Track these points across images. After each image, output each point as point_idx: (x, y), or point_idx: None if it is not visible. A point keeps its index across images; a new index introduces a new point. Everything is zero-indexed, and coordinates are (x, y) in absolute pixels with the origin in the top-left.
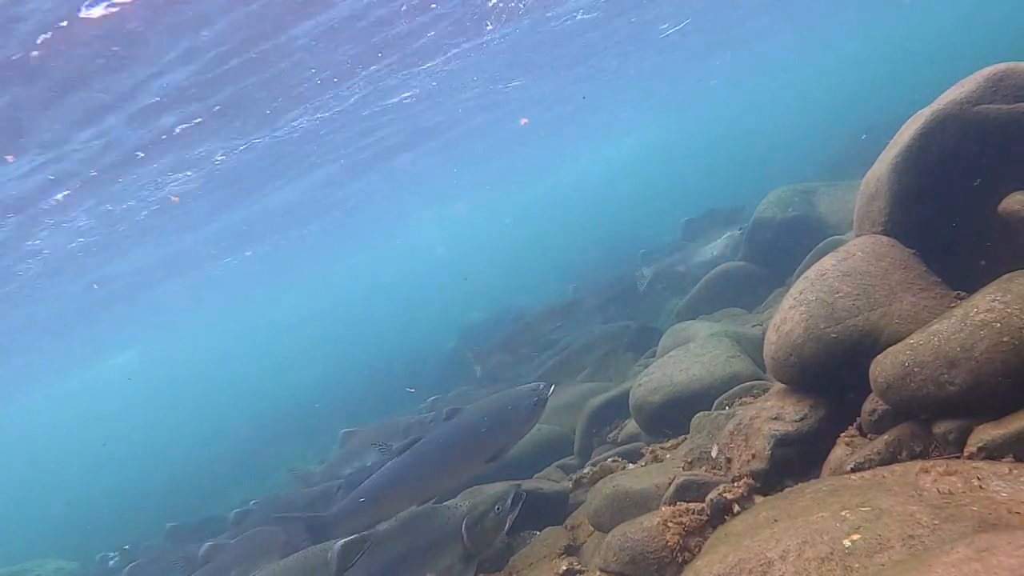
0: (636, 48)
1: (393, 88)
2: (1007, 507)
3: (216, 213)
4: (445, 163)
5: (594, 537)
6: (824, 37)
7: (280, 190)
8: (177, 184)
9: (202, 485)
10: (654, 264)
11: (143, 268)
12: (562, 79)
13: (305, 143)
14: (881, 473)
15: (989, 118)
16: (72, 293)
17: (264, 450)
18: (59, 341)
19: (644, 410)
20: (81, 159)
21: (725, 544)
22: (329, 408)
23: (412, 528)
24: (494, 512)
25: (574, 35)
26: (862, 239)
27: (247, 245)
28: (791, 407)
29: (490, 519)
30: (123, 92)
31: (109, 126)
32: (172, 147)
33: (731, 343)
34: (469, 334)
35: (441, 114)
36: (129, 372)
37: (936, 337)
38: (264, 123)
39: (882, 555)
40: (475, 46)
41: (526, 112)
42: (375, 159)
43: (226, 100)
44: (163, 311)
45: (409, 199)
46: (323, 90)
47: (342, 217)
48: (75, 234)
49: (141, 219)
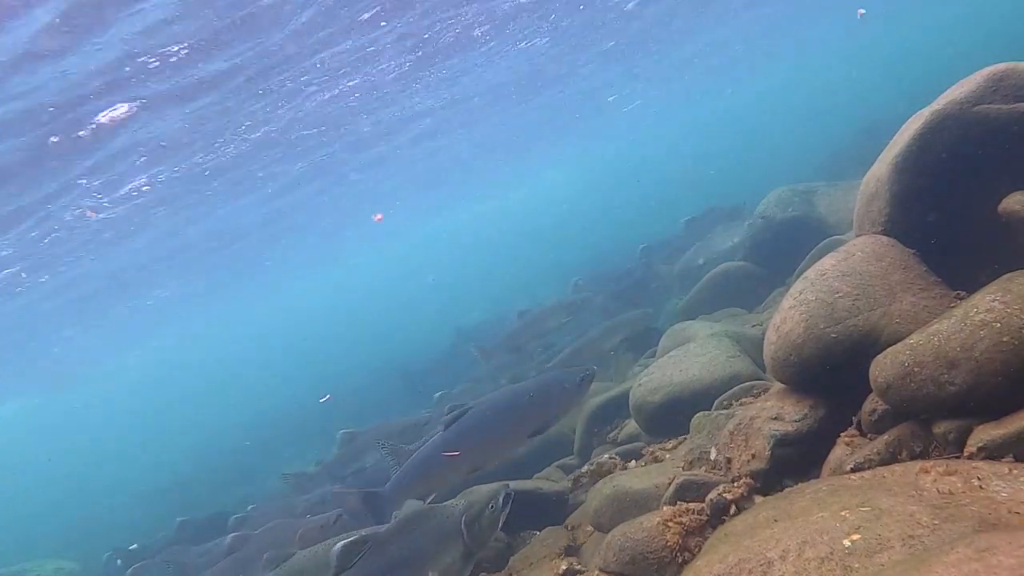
0: (634, 47)
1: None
2: (1007, 507)
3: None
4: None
5: (594, 537)
6: (823, 37)
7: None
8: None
9: (209, 481)
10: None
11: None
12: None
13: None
14: (881, 473)
15: (989, 118)
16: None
17: (263, 450)
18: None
19: (644, 410)
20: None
21: (725, 544)
22: (329, 409)
23: (413, 527)
24: (489, 510)
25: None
26: (862, 239)
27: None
28: (791, 407)
29: (486, 517)
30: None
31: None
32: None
33: (731, 343)
34: (468, 334)
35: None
36: (133, 373)
37: (936, 337)
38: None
39: (882, 555)
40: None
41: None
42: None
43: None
44: (167, 311)
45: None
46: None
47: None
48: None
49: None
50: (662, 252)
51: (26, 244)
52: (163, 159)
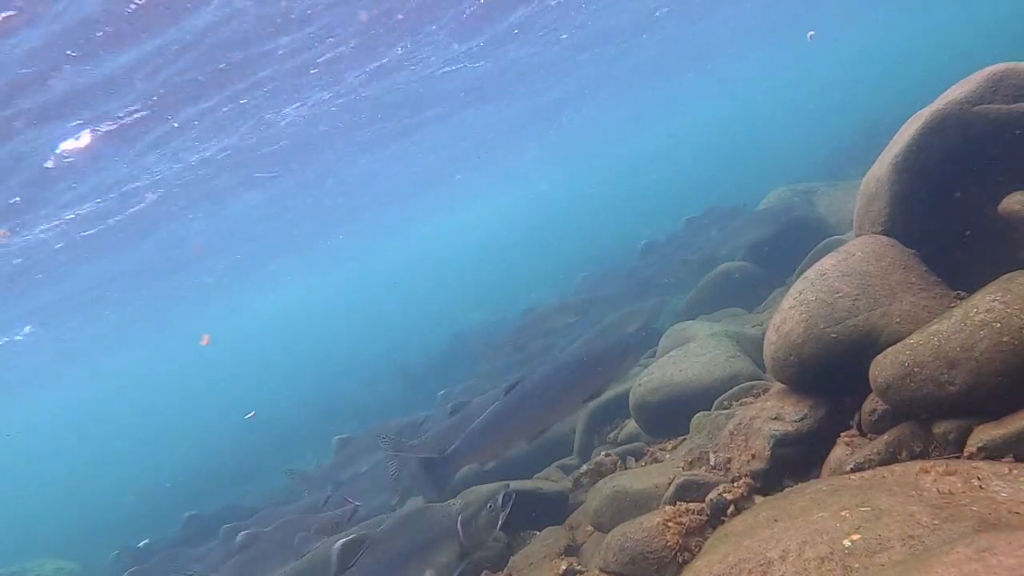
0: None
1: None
2: (1007, 507)
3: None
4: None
5: (594, 537)
6: (823, 37)
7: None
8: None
9: (217, 477)
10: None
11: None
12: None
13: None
14: (881, 473)
15: (989, 118)
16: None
17: (264, 450)
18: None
19: (644, 410)
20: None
21: (725, 544)
22: (332, 410)
23: (409, 527)
24: (486, 510)
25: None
26: (862, 239)
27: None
28: (791, 407)
29: (483, 517)
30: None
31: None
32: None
33: (731, 343)
34: (467, 334)
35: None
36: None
37: (936, 337)
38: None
39: (882, 555)
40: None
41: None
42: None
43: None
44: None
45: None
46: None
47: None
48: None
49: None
50: (662, 250)
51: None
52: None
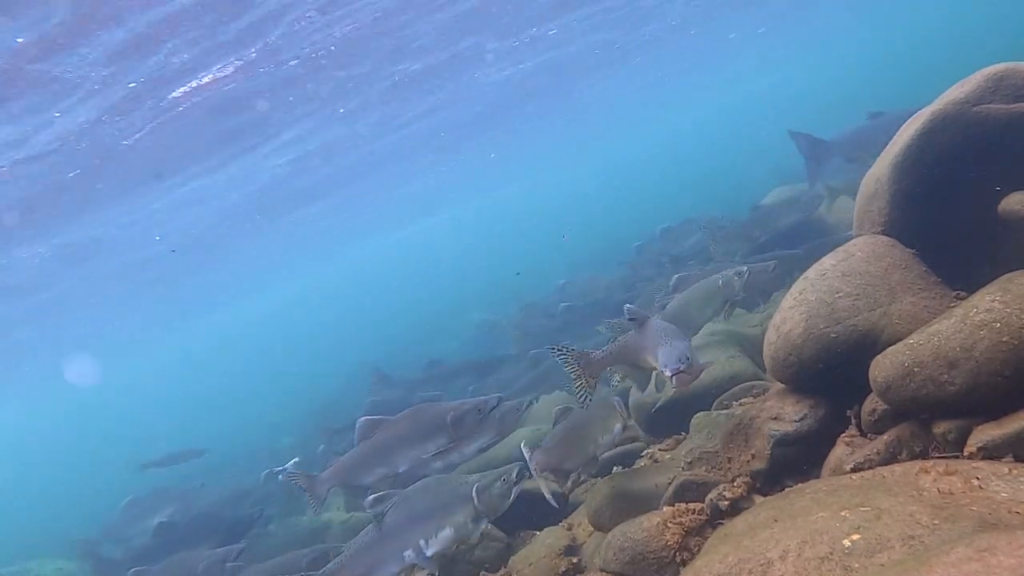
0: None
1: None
2: (1007, 507)
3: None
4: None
5: (594, 537)
6: (822, 36)
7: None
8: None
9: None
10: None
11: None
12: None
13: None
14: (881, 473)
15: (989, 118)
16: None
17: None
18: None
19: (644, 410)
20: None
21: (725, 544)
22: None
23: (431, 490)
24: (501, 482)
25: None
26: (862, 239)
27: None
28: (791, 407)
29: (497, 487)
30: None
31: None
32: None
33: (731, 343)
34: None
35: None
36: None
37: (936, 337)
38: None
39: (882, 555)
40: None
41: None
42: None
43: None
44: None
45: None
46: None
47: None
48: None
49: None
50: (654, 250)
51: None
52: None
